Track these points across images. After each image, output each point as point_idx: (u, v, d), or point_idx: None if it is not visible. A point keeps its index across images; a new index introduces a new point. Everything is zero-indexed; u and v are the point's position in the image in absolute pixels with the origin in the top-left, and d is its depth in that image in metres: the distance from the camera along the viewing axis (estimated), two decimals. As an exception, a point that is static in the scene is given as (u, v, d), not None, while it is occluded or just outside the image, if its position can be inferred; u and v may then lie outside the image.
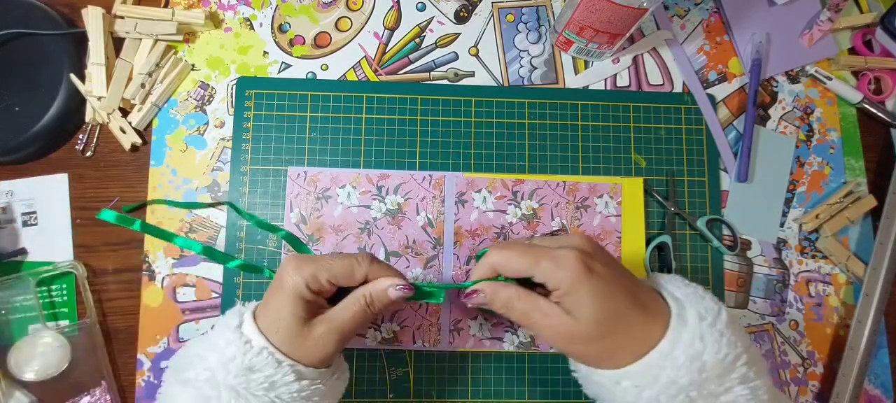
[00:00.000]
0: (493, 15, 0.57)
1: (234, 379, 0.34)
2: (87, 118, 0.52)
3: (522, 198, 0.52)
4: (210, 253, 0.48)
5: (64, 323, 0.49)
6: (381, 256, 0.51)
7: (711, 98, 0.56)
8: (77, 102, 0.52)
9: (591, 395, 0.39)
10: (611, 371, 0.35)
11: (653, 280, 0.40)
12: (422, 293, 0.41)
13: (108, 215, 0.47)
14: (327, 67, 0.55)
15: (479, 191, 0.52)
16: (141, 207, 0.51)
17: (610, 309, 0.35)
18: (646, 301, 0.36)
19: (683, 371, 0.33)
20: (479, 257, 0.46)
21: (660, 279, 0.39)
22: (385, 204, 0.51)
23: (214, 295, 0.51)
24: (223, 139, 0.53)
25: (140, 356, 0.50)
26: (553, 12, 0.57)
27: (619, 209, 0.52)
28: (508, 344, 0.50)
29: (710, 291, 0.38)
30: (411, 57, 0.56)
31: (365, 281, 0.39)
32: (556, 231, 0.51)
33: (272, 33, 0.55)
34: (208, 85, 0.54)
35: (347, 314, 0.37)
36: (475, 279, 0.40)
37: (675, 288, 0.38)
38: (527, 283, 0.38)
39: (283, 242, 0.50)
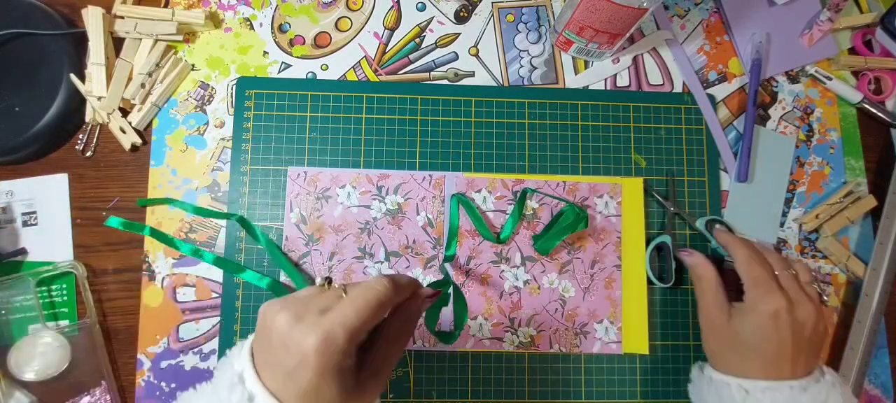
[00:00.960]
0: (493, 15, 0.57)
1: None
2: (87, 118, 0.52)
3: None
4: (223, 265, 0.49)
5: (64, 323, 0.49)
6: (381, 256, 0.51)
7: (711, 98, 0.56)
8: (77, 102, 0.52)
9: (697, 401, 0.46)
10: (739, 378, 0.42)
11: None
12: (444, 297, 0.41)
13: (114, 221, 0.47)
14: (327, 67, 0.55)
15: (479, 190, 0.52)
16: (156, 203, 0.51)
17: (754, 347, 0.42)
18: (793, 367, 0.42)
19: None
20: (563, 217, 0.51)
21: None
22: (385, 204, 0.51)
23: (214, 295, 0.51)
24: (223, 139, 0.53)
25: (140, 356, 0.50)
26: (553, 12, 0.57)
27: (619, 209, 0.52)
28: (508, 344, 0.50)
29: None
30: (411, 57, 0.56)
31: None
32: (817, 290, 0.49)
33: (272, 33, 0.55)
34: (208, 85, 0.54)
35: (393, 359, 0.34)
36: (721, 242, 0.49)
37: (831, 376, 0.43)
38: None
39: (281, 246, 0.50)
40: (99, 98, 0.51)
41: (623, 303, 0.51)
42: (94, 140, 0.53)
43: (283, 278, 0.50)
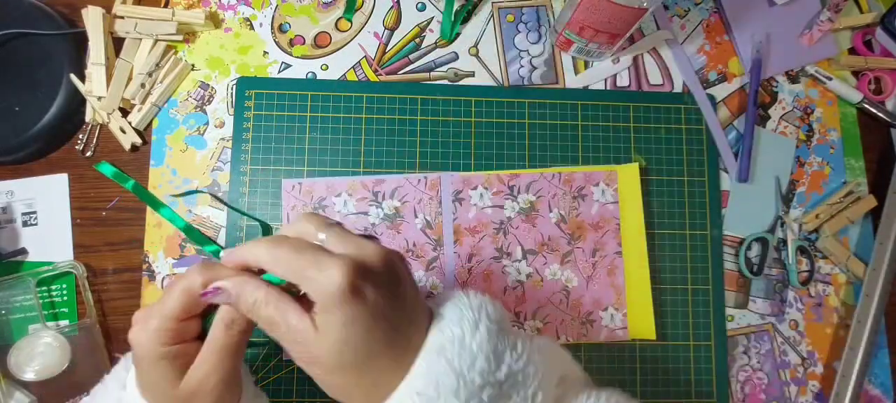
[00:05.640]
0: (493, 15, 0.57)
1: None
2: (87, 118, 0.52)
3: (519, 193, 0.52)
4: (189, 233, 0.50)
5: (64, 322, 0.49)
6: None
7: (711, 98, 0.56)
8: (77, 102, 0.52)
9: None
10: None
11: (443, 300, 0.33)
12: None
13: (105, 168, 0.50)
14: (327, 67, 0.55)
15: (475, 188, 0.52)
16: (192, 194, 0.51)
17: (360, 342, 0.29)
18: (411, 334, 0.30)
19: None
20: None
21: (447, 301, 0.33)
22: (382, 209, 0.51)
23: (214, 295, 0.50)
24: (223, 139, 0.53)
25: (140, 356, 0.50)
26: (553, 12, 0.57)
27: (616, 196, 0.52)
28: (508, 344, 0.50)
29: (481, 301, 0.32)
30: (411, 57, 0.56)
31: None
32: (365, 233, 0.39)
33: (272, 33, 0.55)
34: (208, 85, 0.54)
35: (213, 355, 0.30)
36: (228, 267, 0.31)
37: (448, 309, 0.32)
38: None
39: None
40: (99, 98, 0.51)
41: (627, 289, 0.51)
42: (94, 140, 0.53)
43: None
